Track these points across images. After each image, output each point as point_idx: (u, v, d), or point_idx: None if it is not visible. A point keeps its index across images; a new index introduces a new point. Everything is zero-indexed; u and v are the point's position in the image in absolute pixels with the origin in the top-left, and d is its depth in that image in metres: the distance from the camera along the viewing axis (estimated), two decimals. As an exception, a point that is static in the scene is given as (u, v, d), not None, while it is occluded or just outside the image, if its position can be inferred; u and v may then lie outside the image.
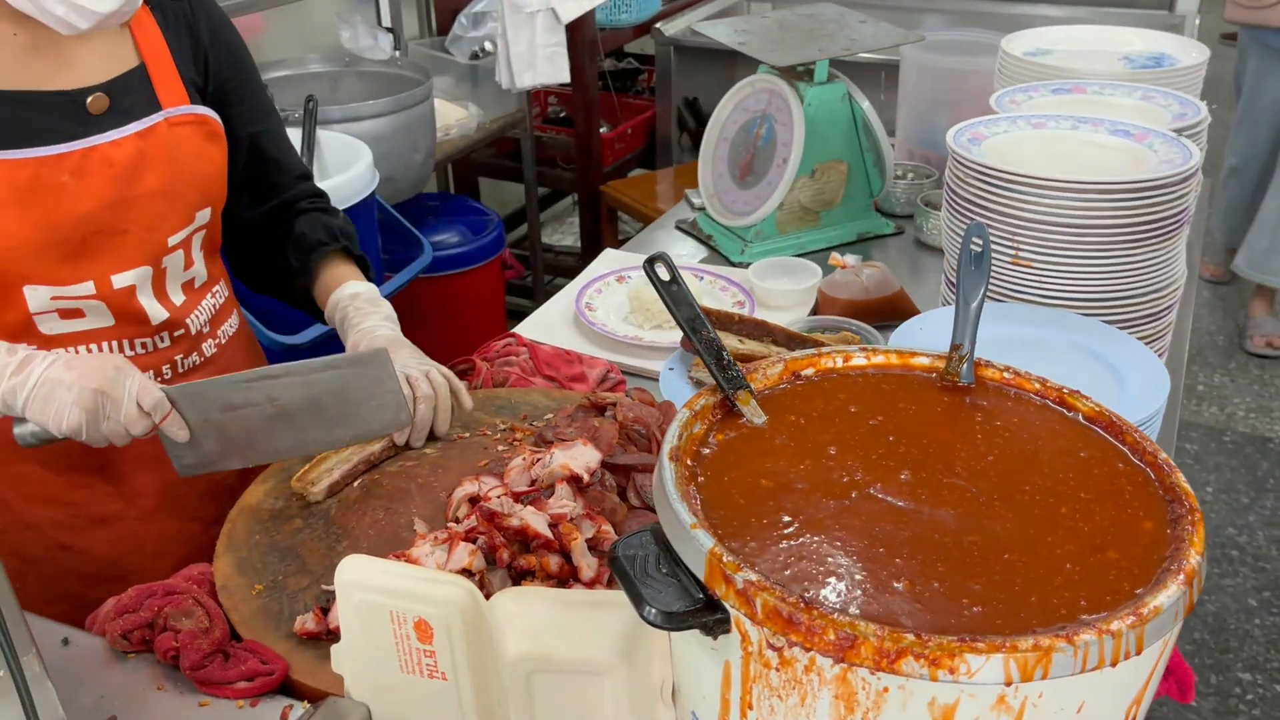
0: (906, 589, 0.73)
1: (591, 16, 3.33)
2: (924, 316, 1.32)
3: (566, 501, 1.07)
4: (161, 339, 1.30)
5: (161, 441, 1.18)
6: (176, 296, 1.31)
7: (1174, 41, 1.92)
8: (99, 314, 1.24)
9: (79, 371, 1.12)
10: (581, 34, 3.36)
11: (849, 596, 0.73)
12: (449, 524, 1.10)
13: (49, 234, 1.17)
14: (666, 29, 3.65)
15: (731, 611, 0.73)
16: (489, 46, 3.28)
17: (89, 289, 1.22)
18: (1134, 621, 0.67)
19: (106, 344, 1.26)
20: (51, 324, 1.22)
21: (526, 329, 1.76)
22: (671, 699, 0.88)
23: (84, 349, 1.25)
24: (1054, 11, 3.65)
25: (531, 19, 3.14)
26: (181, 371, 1.34)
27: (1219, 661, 2.62)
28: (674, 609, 0.75)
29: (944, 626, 0.69)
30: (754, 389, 0.94)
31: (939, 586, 0.73)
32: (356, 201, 2.20)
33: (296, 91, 2.51)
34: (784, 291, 1.78)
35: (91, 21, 1.12)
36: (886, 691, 0.68)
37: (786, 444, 0.89)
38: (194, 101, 1.29)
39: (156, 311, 1.28)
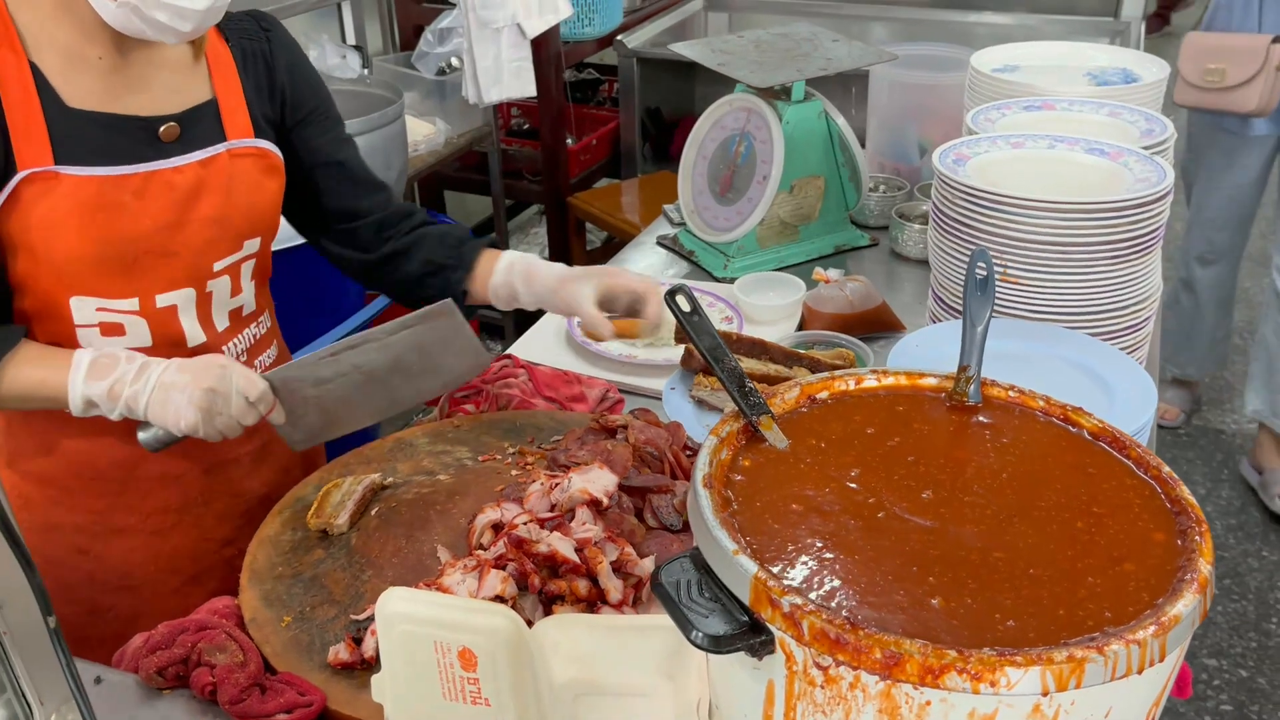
0: (942, 606, 0.77)
1: (556, 31, 3.36)
2: (917, 334, 1.37)
3: (589, 525, 1.11)
4: None
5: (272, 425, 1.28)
6: (220, 322, 1.36)
7: (1135, 57, 2.00)
8: (138, 332, 1.29)
9: (191, 373, 1.20)
10: (546, 48, 3.39)
11: (889, 615, 0.77)
12: (475, 551, 1.13)
13: (104, 249, 1.22)
14: (629, 41, 3.69)
15: (776, 633, 0.77)
16: (455, 62, 3.30)
17: (133, 305, 1.27)
18: (1156, 630, 0.72)
19: None
20: (91, 338, 1.27)
21: (521, 350, 1.78)
22: (708, 717, 0.91)
23: None
24: (1002, 20, 3.75)
25: (498, 34, 3.16)
26: None
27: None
28: (720, 633, 0.78)
29: (981, 641, 0.73)
30: (774, 413, 0.98)
31: (972, 602, 0.77)
32: (339, 224, 2.20)
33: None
34: (771, 307, 1.83)
35: (194, 22, 1.17)
36: (929, 705, 0.73)
37: (811, 467, 0.93)
38: (260, 135, 1.34)
39: (195, 333, 1.32)
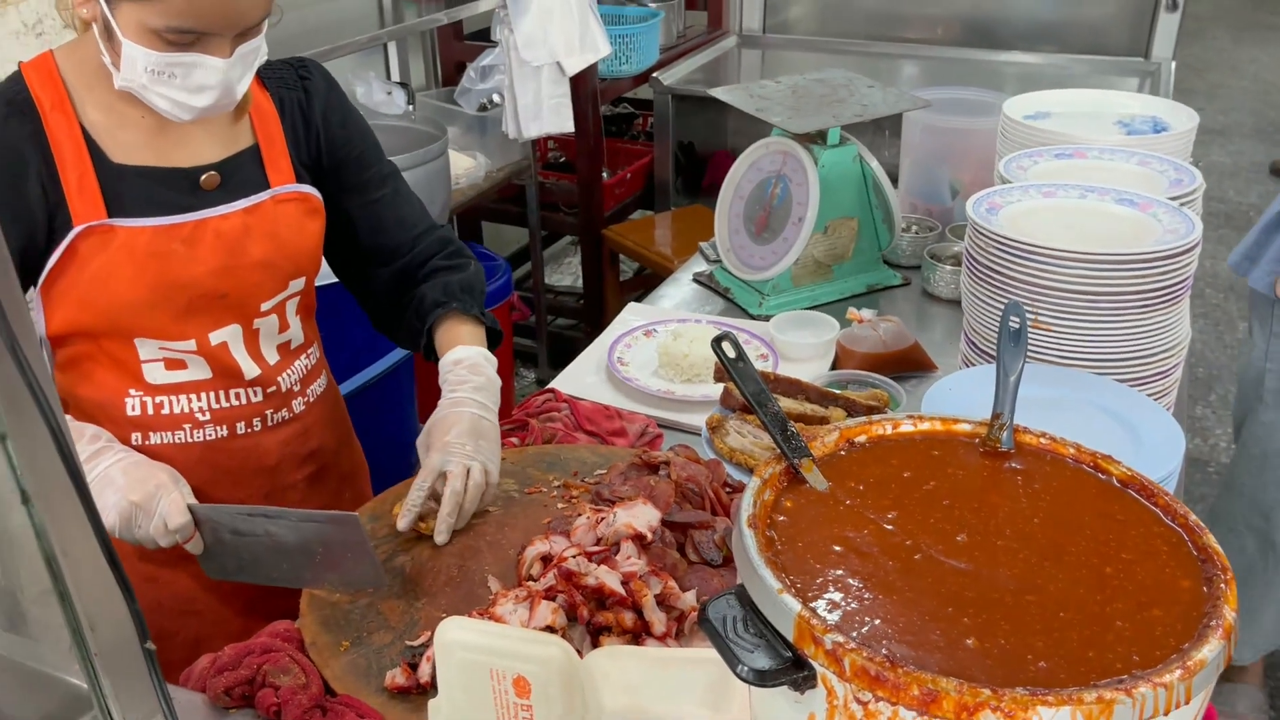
0: (976, 646, 0.81)
1: (594, 69, 3.44)
2: (951, 379, 1.41)
3: (634, 559, 1.15)
4: (254, 393, 1.41)
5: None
6: (271, 356, 1.42)
7: (1166, 106, 2.04)
8: (199, 367, 1.36)
9: (129, 480, 1.26)
10: (585, 85, 3.47)
11: (926, 654, 0.81)
12: (525, 582, 1.18)
13: (159, 294, 1.29)
14: (664, 78, 3.77)
15: (819, 669, 0.81)
16: (496, 98, 3.38)
17: (191, 345, 1.33)
18: (1183, 674, 0.76)
19: (206, 394, 1.37)
20: (157, 374, 1.34)
21: (563, 384, 1.84)
22: (750, 746, 0.96)
23: (188, 398, 1.36)
24: (1031, 59, 3.81)
25: (538, 72, 3.24)
26: (271, 425, 1.44)
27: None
28: (765, 668, 0.83)
29: (1014, 680, 0.77)
30: (815, 456, 1.02)
31: (1005, 643, 0.82)
32: (386, 258, 2.28)
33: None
34: (805, 345, 1.87)
35: (192, 115, 1.23)
36: (964, 740, 0.77)
37: (850, 509, 0.97)
38: (301, 180, 1.39)
39: (249, 367, 1.39)
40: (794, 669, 0.82)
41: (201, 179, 1.32)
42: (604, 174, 3.84)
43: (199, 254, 1.30)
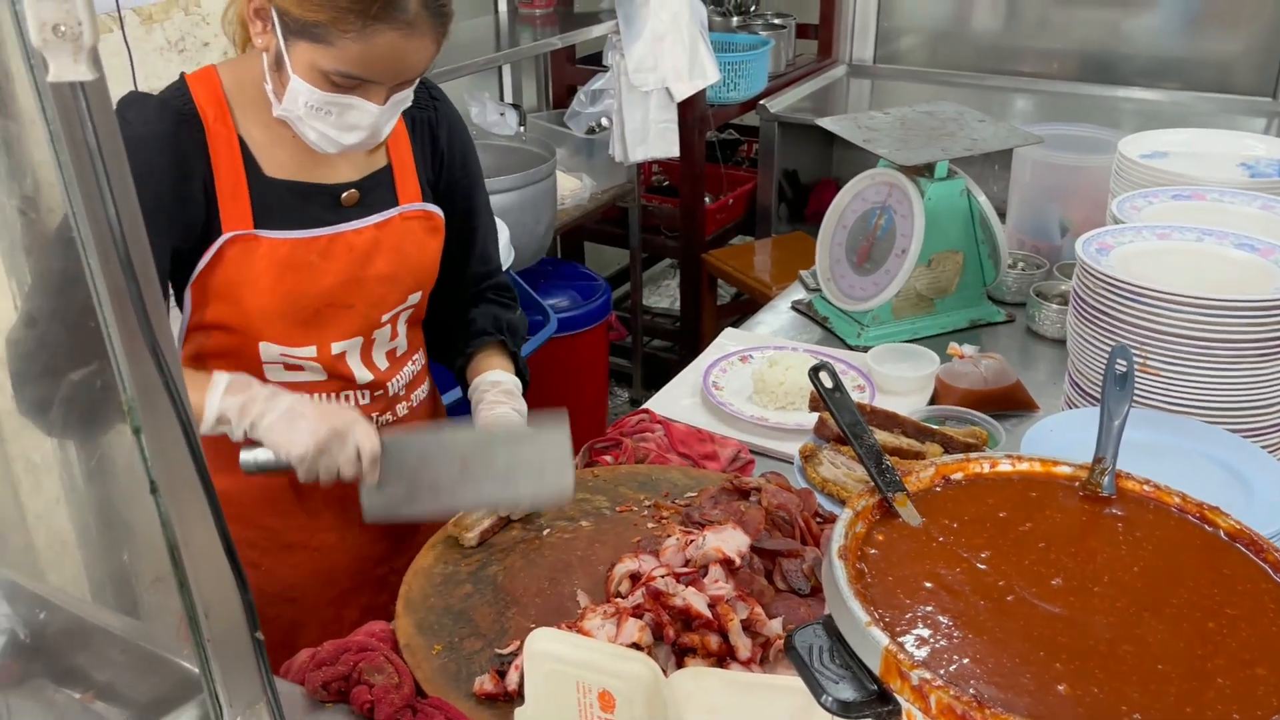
0: (1068, 693, 0.80)
1: (702, 94, 3.48)
2: (1053, 419, 1.39)
3: (721, 583, 1.16)
4: (363, 396, 1.48)
5: (359, 485, 1.33)
6: (381, 363, 1.49)
7: (1294, 148, 1.97)
8: (316, 372, 1.43)
9: (322, 411, 1.31)
10: (692, 111, 3.50)
11: (1014, 697, 0.80)
12: (614, 599, 1.20)
13: (291, 304, 1.36)
14: (771, 106, 3.78)
15: (904, 704, 0.81)
16: (604, 122, 3.44)
17: (311, 352, 1.40)
18: (1285, 736, 0.74)
19: (319, 395, 1.43)
20: (276, 374, 1.41)
21: (658, 405, 1.86)
22: (830, 777, 0.95)
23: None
24: (1152, 96, 3.71)
25: (646, 97, 3.29)
26: (377, 426, 1.49)
27: None
28: (850, 699, 0.83)
29: (1106, 731, 0.76)
30: (909, 491, 1.02)
31: (1098, 692, 0.80)
32: (492, 275, 2.34)
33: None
34: (904, 378, 1.86)
35: (337, 149, 1.31)
36: (1050, 787, 0.76)
37: (943, 546, 0.97)
38: (425, 198, 1.47)
39: (362, 374, 1.46)
40: (879, 702, 0.82)
41: (343, 196, 1.39)
42: (706, 199, 3.86)
43: (331, 266, 1.38)
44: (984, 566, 0.94)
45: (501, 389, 1.52)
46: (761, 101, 3.79)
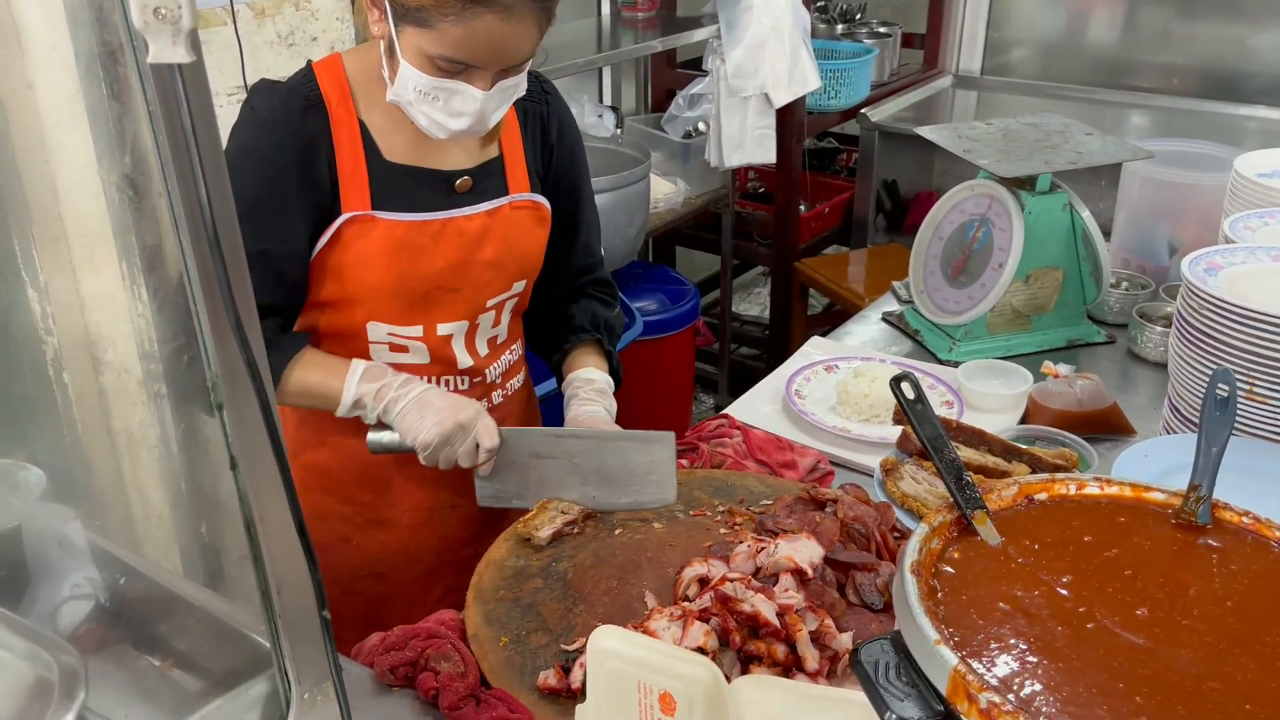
0: (1147, 728, 0.76)
1: (802, 101, 3.44)
2: (1148, 444, 1.33)
3: (791, 593, 1.14)
4: (462, 381, 1.52)
5: (474, 473, 1.43)
6: (482, 349, 1.52)
7: None
8: (419, 353, 1.47)
9: (449, 403, 1.39)
10: (791, 118, 3.47)
11: (1089, 728, 0.77)
12: (681, 602, 1.19)
13: (403, 283, 1.41)
14: (872, 115, 3.73)
15: (971, 726, 0.78)
16: (701, 126, 3.43)
17: (418, 332, 1.45)
18: (1383, 791, 0.69)
19: (421, 378, 1.46)
20: (381, 355, 1.46)
21: (738, 411, 1.84)
22: (892, 797, 0.93)
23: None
24: (1276, 115, 3.54)
25: (745, 102, 3.27)
26: None
27: None
28: (914, 717, 0.81)
29: (1186, 770, 0.72)
30: (989, 509, 0.99)
31: (1180, 729, 0.76)
32: (581, 275, 2.35)
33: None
34: (995, 395, 1.81)
35: (446, 135, 1.34)
36: (1123, 826, 0.72)
37: (1022, 568, 0.93)
38: (534, 189, 1.50)
39: (464, 359, 1.50)
40: (944, 723, 0.80)
41: (456, 183, 1.43)
42: (802, 207, 3.83)
43: (442, 249, 1.42)
44: (1065, 591, 0.90)
45: (594, 387, 1.56)
46: (863, 110, 3.74)
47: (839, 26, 4.09)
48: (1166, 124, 3.65)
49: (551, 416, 1.85)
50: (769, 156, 3.38)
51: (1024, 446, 1.51)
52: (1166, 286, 2.15)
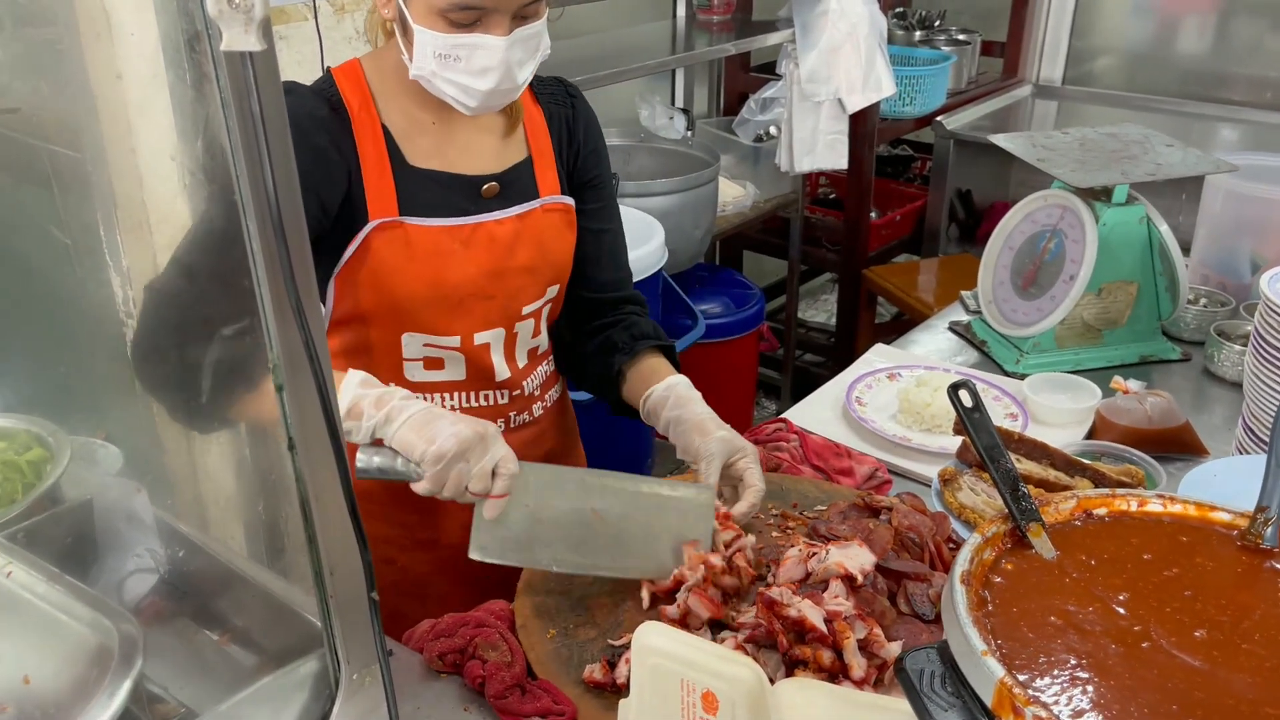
0: (1200, 752, 0.74)
1: (875, 107, 3.41)
2: (1218, 463, 1.29)
3: (840, 600, 1.13)
4: (501, 395, 1.49)
5: (473, 516, 1.25)
6: (521, 360, 1.50)
7: None
8: (456, 366, 1.44)
9: (462, 416, 1.24)
10: (864, 124, 3.44)
11: (1139, 749, 0.75)
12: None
13: (435, 290, 1.37)
14: (948, 123, 3.67)
15: (1016, 741, 0.77)
16: (773, 130, 3.42)
17: (455, 341, 1.42)
18: None
19: (459, 393, 1.45)
20: (416, 372, 1.42)
21: (796, 415, 1.83)
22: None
23: (440, 397, 1.44)
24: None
25: (818, 107, 3.25)
26: (512, 427, 1.52)
27: None
28: (958, 728, 0.79)
29: (1239, 797, 0.70)
30: (1045, 522, 0.97)
31: (1235, 755, 0.74)
32: (645, 276, 2.36)
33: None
34: (1061, 410, 1.77)
35: (477, 101, 1.30)
36: None
37: (1076, 582, 0.91)
38: (563, 191, 1.48)
39: (502, 370, 1.47)
40: (988, 736, 0.79)
41: (483, 188, 1.41)
42: (872, 214, 3.79)
43: (473, 255, 1.39)
44: (1120, 609, 0.88)
45: (681, 388, 1.47)
46: (938, 118, 3.68)
47: (917, 33, 4.04)
48: (1257, 138, 3.53)
49: (593, 424, 1.81)
50: (840, 162, 3.35)
51: (1088, 462, 1.47)
52: (1247, 304, 2.09)
